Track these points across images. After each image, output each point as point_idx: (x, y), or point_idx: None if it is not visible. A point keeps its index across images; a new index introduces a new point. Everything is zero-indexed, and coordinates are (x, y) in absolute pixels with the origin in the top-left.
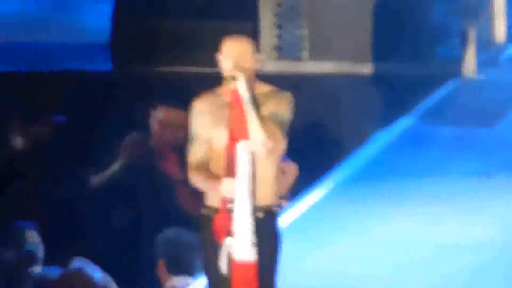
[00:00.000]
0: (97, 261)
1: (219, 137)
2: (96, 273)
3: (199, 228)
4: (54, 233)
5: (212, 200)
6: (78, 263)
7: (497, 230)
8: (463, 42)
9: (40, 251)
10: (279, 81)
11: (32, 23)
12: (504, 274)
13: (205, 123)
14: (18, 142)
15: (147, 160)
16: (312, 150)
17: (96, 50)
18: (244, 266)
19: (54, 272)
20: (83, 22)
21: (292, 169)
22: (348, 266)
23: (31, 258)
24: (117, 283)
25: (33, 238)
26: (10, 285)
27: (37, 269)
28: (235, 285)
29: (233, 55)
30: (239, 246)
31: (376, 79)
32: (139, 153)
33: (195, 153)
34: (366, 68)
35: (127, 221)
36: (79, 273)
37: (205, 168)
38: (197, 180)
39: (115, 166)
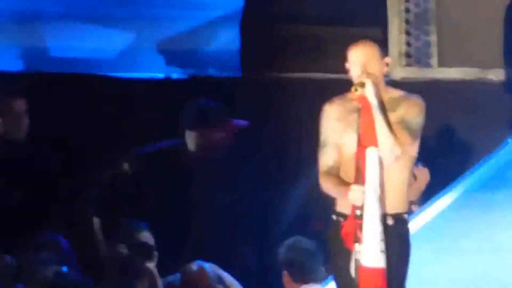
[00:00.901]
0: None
1: (349, 143)
2: (219, 271)
3: (321, 236)
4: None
5: (342, 206)
6: (198, 263)
7: None
8: None
9: (153, 247)
10: (408, 88)
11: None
12: None
13: (336, 128)
14: None
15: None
16: (443, 155)
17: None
18: (372, 272)
19: (176, 277)
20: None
21: (423, 174)
22: (475, 273)
23: (145, 252)
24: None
25: (146, 235)
26: (125, 278)
27: (152, 265)
28: None
29: (360, 61)
30: (368, 252)
31: (507, 85)
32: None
33: (325, 159)
34: (497, 75)
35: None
36: (202, 273)
37: (335, 174)
38: (327, 186)
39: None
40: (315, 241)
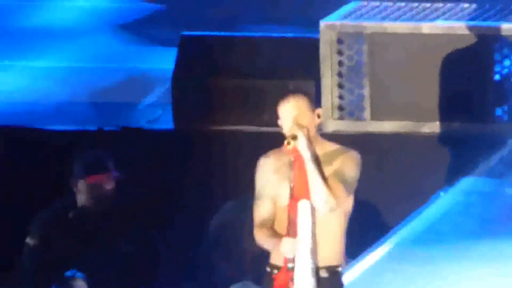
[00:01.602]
0: None
1: (283, 195)
2: None
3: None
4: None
5: (276, 258)
6: None
7: None
8: None
9: None
10: (341, 141)
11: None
12: None
13: (271, 181)
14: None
15: None
16: (375, 208)
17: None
18: None
19: None
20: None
21: None
22: None
23: None
24: None
25: (81, 284)
26: None
27: None
28: None
29: (291, 114)
30: None
31: (438, 138)
32: None
33: (259, 211)
34: (431, 128)
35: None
36: None
37: (269, 226)
38: (261, 238)
39: None
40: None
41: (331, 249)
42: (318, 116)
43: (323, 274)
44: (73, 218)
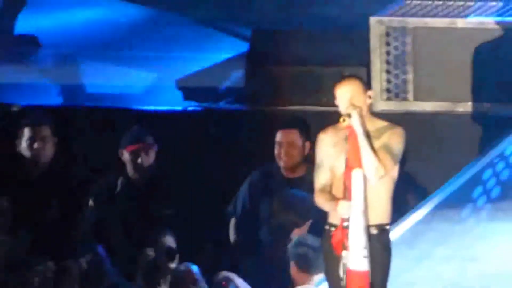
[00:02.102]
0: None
1: (340, 165)
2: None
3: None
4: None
5: (333, 218)
6: (186, 264)
7: None
8: None
9: (175, 250)
10: (388, 119)
11: None
12: None
13: (329, 154)
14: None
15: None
16: (417, 176)
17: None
18: (357, 274)
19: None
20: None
21: None
22: (447, 277)
23: (169, 255)
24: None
25: (170, 240)
26: (151, 278)
27: (174, 265)
28: None
29: (346, 95)
30: (353, 258)
31: (471, 117)
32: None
33: (320, 179)
34: (465, 108)
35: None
36: (188, 273)
37: (328, 191)
38: (321, 201)
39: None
40: (318, 238)
41: (380, 210)
42: (369, 97)
43: (373, 231)
44: (121, 185)
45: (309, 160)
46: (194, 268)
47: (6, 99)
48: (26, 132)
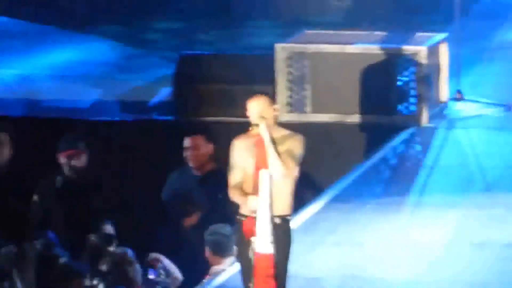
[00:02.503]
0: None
1: (250, 166)
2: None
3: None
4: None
5: (244, 210)
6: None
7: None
8: (420, 100)
9: (114, 236)
10: (290, 128)
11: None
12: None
13: (241, 156)
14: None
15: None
16: (312, 176)
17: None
18: (264, 257)
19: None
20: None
21: None
22: (339, 260)
23: (108, 240)
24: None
25: (109, 227)
26: (94, 260)
27: (112, 248)
28: (257, 270)
29: (256, 109)
30: (260, 243)
31: (358, 126)
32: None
33: (233, 177)
34: (352, 119)
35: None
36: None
37: (240, 187)
38: (234, 196)
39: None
40: (230, 228)
41: (283, 204)
42: (275, 110)
43: (277, 221)
44: (60, 183)
45: (215, 159)
46: (129, 252)
47: None
48: None
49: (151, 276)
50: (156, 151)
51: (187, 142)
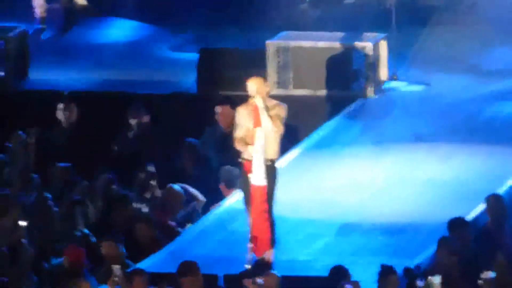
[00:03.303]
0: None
1: (249, 125)
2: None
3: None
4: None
5: (246, 155)
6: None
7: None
8: (367, 80)
9: (155, 174)
10: (278, 99)
11: None
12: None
13: (244, 118)
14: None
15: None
16: (292, 131)
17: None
18: (260, 188)
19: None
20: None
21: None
22: (319, 193)
23: (152, 176)
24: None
25: (152, 168)
26: (140, 191)
27: (154, 182)
28: (254, 198)
29: (254, 86)
30: (257, 178)
31: (324, 98)
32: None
33: (238, 133)
34: (322, 93)
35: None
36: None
37: (242, 140)
38: (238, 145)
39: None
40: (236, 169)
41: (272, 151)
42: (267, 87)
43: (268, 163)
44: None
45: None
46: (175, 186)
47: None
48: None
49: None
50: (187, 117)
51: (218, 109)
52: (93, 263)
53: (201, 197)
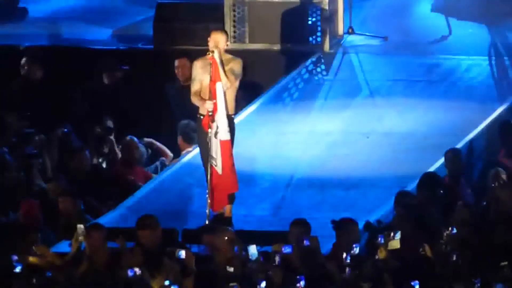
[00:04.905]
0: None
1: (206, 79)
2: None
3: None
4: None
5: (201, 110)
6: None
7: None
8: (323, 34)
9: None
10: (234, 53)
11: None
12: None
13: (199, 72)
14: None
15: None
16: (249, 85)
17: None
18: (226, 142)
19: None
20: None
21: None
22: (271, 147)
23: (109, 131)
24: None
25: (110, 122)
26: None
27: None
28: (223, 152)
29: (213, 40)
30: (222, 133)
31: (280, 51)
32: None
33: (194, 86)
34: (277, 47)
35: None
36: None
37: (198, 94)
38: (194, 100)
39: None
40: (194, 123)
41: (230, 105)
42: (226, 40)
43: (227, 116)
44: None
45: None
46: (135, 138)
47: None
48: None
49: None
50: (145, 71)
51: (176, 62)
52: (52, 219)
53: (169, 152)
